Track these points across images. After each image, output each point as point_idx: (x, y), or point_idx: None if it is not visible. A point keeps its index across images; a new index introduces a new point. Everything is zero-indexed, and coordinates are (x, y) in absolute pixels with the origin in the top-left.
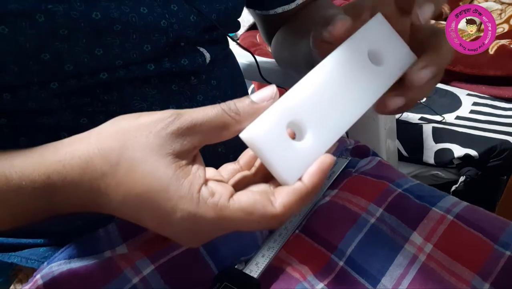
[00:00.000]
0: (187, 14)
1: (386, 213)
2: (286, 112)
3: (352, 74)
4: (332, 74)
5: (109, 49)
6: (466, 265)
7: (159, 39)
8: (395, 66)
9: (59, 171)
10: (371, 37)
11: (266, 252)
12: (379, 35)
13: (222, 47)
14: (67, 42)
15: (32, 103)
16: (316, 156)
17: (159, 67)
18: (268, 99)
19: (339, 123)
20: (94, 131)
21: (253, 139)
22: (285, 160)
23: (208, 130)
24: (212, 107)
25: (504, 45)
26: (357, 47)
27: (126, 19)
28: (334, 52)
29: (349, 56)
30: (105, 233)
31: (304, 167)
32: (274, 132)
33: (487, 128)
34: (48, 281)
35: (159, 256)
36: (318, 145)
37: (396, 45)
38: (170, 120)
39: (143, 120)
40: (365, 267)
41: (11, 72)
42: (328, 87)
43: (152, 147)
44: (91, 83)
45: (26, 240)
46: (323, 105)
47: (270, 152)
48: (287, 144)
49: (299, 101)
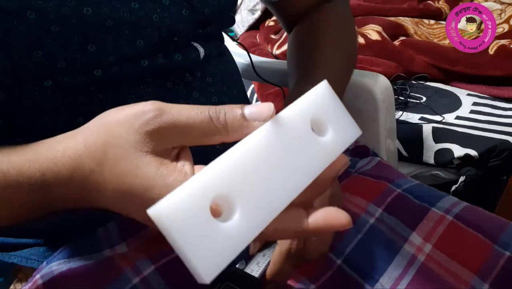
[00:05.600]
0: (179, 8)
1: (386, 213)
2: (211, 184)
3: (292, 144)
4: (269, 143)
5: (101, 46)
6: (465, 265)
7: (152, 34)
8: (341, 138)
9: (52, 168)
10: (315, 105)
11: (267, 252)
12: (324, 103)
13: (217, 43)
14: (59, 38)
15: (27, 102)
16: (245, 240)
17: (153, 64)
18: (263, 119)
19: (275, 200)
20: (82, 128)
21: (163, 219)
22: (203, 247)
23: (189, 135)
24: (199, 110)
25: (504, 45)
26: (299, 114)
27: (117, 15)
28: (273, 119)
29: (289, 124)
30: (104, 232)
31: (227, 255)
32: (193, 211)
33: (487, 128)
34: (47, 281)
35: (160, 256)
36: (249, 225)
37: (341, 115)
38: (150, 117)
39: (124, 114)
40: (363, 266)
41: (4, 70)
42: (264, 157)
43: (132, 143)
44: (85, 81)
45: (26, 240)
46: (256, 178)
47: (184, 237)
48: (209, 226)
49: (229, 172)
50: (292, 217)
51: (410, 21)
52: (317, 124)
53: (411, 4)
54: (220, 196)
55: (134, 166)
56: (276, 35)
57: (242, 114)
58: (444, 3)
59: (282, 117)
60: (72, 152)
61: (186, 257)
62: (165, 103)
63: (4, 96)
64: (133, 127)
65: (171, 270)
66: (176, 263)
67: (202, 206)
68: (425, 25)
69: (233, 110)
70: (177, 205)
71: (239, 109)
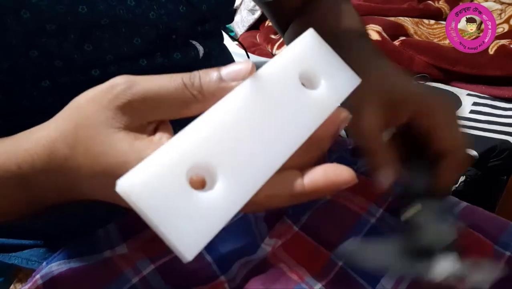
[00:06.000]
0: (176, 5)
1: (387, 213)
2: (186, 151)
3: (278, 101)
4: (250, 102)
5: (98, 44)
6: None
7: (149, 32)
8: (336, 89)
9: (27, 160)
10: (302, 56)
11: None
12: (312, 53)
13: (216, 41)
14: (55, 37)
15: (26, 102)
16: (229, 210)
17: (152, 63)
18: (241, 78)
19: (262, 164)
20: (56, 115)
21: (132, 193)
22: (182, 222)
23: (164, 107)
24: (172, 78)
25: (504, 45)
26: (283, 68)
27: (113, 12)
28: (254, 75)
29: (273, 79)
30: (104, 233)
31: (211, 228)
32: (167, 182)
33: (487, 128)
34: (47, 281)
35: (160, 256)
36: (233, 194)
37: (334, 64)
38: (119, 91)
39: (93, 91)
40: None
41: (1, 70)
42: (246, 117)
43: (102, 120)
44: (84, 81)
45: (27, 241)
46: (239, 142)
47: (158, 212)
48: (186, 198)
49: (206, 137)
50: (284, 180)
51: (410, 21)
52: (307, 77)
53: (411, 4)
54: (199, 165)
55: (107, 144)
56: (276, 35)
57: (218, 75)
58: (444, 3)
59: (264, 73)
60: (46, 140)
61: (163, 233)
62: (136, 76)
63: (3, 96)
64: (103, 104)
65: (171, 270)
66: (176, 263)
67: (177, 176)
68: (425, 25)
69: (208, 73)
70: (147, 176)
71: (215, 71)
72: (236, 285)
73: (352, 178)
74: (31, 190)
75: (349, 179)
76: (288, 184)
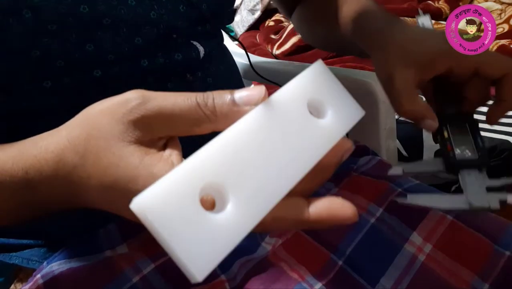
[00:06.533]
0: (176, 5)
1: (386, 213)
2: (199, 172)
3: (288, 128)
4: (262, 127)
5: (100, 44)
6: (466, 266)
7: (150, 32)
8: (342, 119)
9: (35, 165)
10: (311, 85)
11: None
12: (321, 84)
13: (217, 42)
14: (56, 38)
15: (27, 103)
16: (240, 232)
17: (153, 64)
18: (254, 103)
19: (272, 188)
20: (67, 123)
21: (146, 212)
22: (193, 243)
23: (176, 124)
24: (186, 97)
25: (504, 45)
26: (294, 96)
27: (114, 12)
28: (266, 101)
29: (284, 106)
30: (105, 233)
31: (221, 250)
32: (180, 202)
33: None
34: (48, 281)
35: (160, 255)
36: (244, 217)
37: (341, 96)
38: (134, 105)
39: (107, 104)
40: (365, 267)
41: (3, 71)
42: (258, 142)
43: (115, 133)
44: (86, 82)
45: (27, 241)
46: (250, 165)
47: (171, 232)
48: (198, 218)
49: (219, 158)
50: (291, 205)
51: (410, 21)
52: (315, 106)
53: (411, 4)
54: (211, 185)
55: (117, 157)
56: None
57: (231, 99)
58: (444, 3)
59: (275, 99)
60: (55, 147)
61: (175, 254)
62: (150, 91)
63: (5, 97)
64: (116, 117)
65: (171, 269)
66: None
67: (190, 197)
68: None
69: (222, 95)
70: (162, 195)
71: (228, 94)
72: (236, 284)
73: (355, 217)
74: (35, 196)
75: (352, 217)
76: (295, 211)
